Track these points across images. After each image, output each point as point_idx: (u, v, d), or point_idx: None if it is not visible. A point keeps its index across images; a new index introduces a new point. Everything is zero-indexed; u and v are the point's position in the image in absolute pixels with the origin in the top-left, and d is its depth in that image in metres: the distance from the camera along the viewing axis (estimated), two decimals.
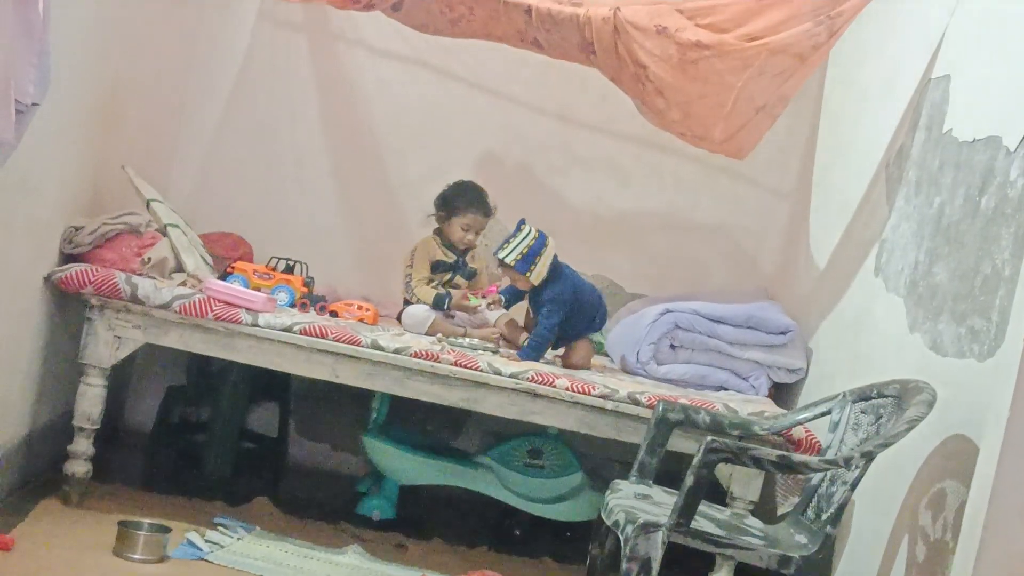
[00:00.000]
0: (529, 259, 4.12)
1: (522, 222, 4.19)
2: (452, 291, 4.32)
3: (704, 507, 3.20)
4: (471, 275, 4.46)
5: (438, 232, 4.45)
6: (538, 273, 4.14)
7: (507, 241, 4.17)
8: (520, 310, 4.37)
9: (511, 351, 4.15)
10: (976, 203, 3.25)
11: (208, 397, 4.60)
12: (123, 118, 4.21)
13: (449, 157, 4.94)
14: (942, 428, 3.09)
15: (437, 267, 4.39)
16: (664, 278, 5.05)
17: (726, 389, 4.32)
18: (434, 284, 4.35)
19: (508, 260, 4.13)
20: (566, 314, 4.17)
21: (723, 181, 5.07)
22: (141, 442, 4.75)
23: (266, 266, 4.28)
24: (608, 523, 3.19)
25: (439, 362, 3.81)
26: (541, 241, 4.14)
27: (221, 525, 3.80)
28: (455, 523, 4.47)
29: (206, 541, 3.62)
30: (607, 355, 4.64)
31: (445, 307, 4.27)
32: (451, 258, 4.41)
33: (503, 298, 4.27)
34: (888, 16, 4.29)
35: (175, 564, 3.43)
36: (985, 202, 3.19)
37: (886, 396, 3.28)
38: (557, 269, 4.18)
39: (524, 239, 4.13)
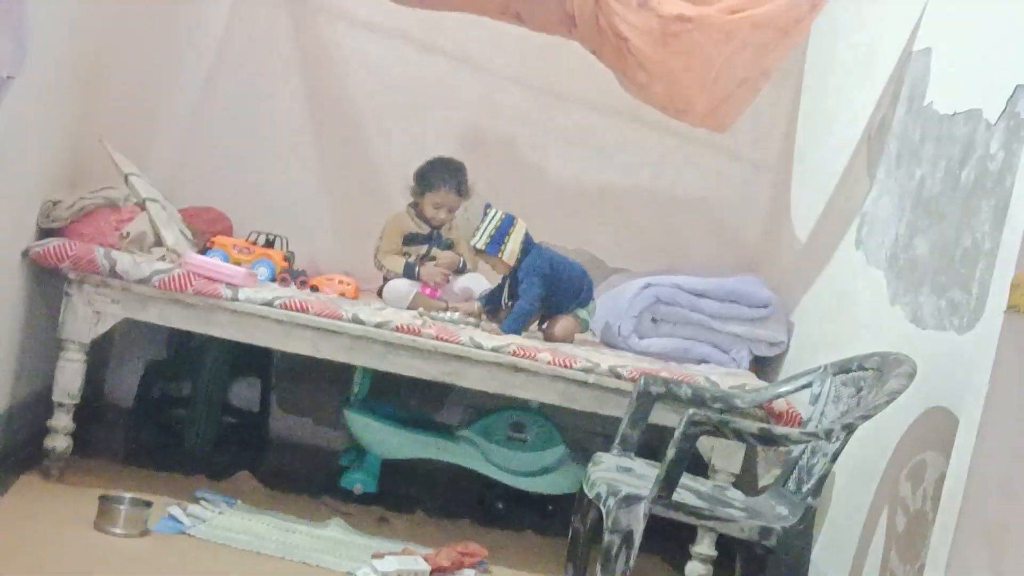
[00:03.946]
0: (498, 240, 4.15)
1: (488, 206, 4.23)
2: (427, 263, 4.34)
3: (686, 479, 3.21)
4: (448, 246, 4.46)
5: (414, 205, 4.44)
6: (510, 251, 4.16)
7: (477, 228, 4.21)
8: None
9: (493, 325, 4.15)
10: (956, 176, 3.25)
11: (189, 372, 4.58)
12: (103, 92, 4.16)
13: (431, 131, 4.92)
14: (922, 400, 3.10)
15: (412, 239, 4.39)
16: (646, 252, 5.04)
17: (708, 362, 4.33)
18: (412, 257, 4.36)
19: (479, 245, 4.18)
20: (547, 288, 4.18)
21: (705, 155, 5.06)
22: (122, 417, 4.74)
23: (246, 240, 4.26)
24: (590, 496, 3.20)
25: (420, 336, 3.80)
26: (508, 221, 4.17)
27: (203, 499, 3.80)
28: (437, 497, 4.48)
29: (188, 515, 3.62)
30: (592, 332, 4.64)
31: (416, 276, 4.29)
32: (425, 230, 4.41)
33: (482, 305, 4.28)
34: None
35: (157, 538, 3.43)
36: (965, 175, 3.20)
37: (867, 369, 3.29)
38: (530, 246, 4.20)
39: (491, 222, 4.17)
